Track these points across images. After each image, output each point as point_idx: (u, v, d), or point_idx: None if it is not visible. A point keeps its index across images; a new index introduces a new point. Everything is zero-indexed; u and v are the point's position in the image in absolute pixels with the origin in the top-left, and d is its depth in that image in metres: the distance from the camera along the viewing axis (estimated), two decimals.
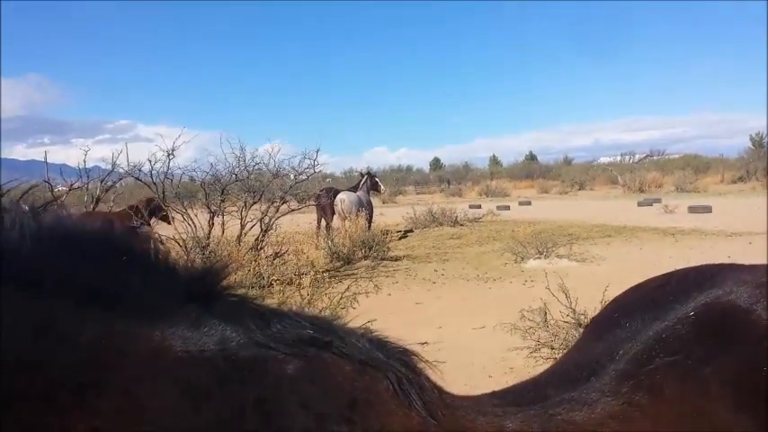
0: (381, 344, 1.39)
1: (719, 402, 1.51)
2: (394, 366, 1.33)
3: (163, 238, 10.27)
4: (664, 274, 1.94)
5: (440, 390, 1.42)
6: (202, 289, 1.27)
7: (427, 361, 1.48)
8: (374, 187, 19.92)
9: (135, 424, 1.09)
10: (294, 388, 1.22)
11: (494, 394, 1.67)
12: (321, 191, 17.19)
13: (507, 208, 29.43)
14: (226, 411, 1.14)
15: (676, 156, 62.90)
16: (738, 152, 58.85)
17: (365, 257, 14.01)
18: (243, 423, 1.15)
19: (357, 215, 16.78)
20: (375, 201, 22.59)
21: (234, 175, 12.27)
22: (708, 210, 22.86)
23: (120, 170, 11.14)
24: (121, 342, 1.13)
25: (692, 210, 23.16)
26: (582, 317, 6.34)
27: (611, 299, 2.12)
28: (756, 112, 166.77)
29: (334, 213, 17.94)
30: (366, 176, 19.66)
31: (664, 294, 1.79)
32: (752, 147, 61.95)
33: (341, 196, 17.79)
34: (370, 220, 17.47)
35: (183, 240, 10.31)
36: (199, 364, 1.17)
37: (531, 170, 61.11)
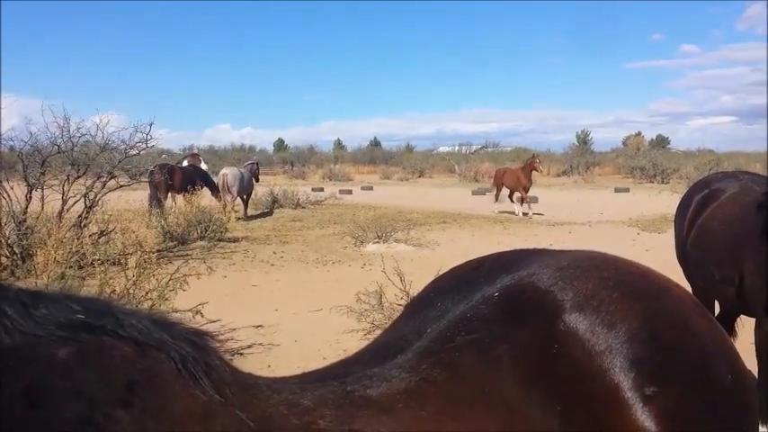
0: (167, 325, 1.32)
1: (511, 378, 1.55)
2: (178, 346, 1.27)
3: None
4: (479, 258, 1.98)
5: (233, 369, 1.38)
6: None
7: (235, 343, 1.40)
8: (254, 174, 20.88)
9: None
10: (65, 374, 1.14)
11: (303, 374, 1.64)
12: (155, 166, 16.40)
13: (350, 192, 29.72)
14: None
15: (509, 148, 66.94)
16: (564, 147, 64.20)
17: (201, 238, 13.52)
18: (11, 414, 1.06)
19: (238, 194, 18.20)
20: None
21: (56, 146, 11.28)
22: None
23: None
24: None
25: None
26: None
27: None
28: (585, 110, 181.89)
29: (168, 190, 17.35)
30: (254, 163, 21.95)
31: (476, 276, 1.82)
32: (576, 143, 68.08)
33: (224, 171, 18.74)
34: (246, 201, 19.42)
35: None
36: None
37: (375, 156, 62.13)
